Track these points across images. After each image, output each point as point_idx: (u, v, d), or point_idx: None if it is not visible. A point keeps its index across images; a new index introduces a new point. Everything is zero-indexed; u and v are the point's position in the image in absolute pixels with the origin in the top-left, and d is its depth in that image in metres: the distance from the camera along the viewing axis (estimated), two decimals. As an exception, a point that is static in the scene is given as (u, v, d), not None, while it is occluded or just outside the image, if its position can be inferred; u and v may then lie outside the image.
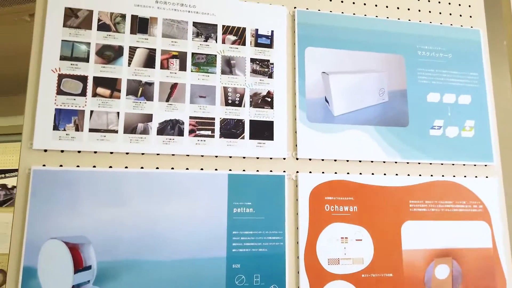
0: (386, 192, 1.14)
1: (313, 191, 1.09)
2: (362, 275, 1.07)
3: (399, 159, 1.16)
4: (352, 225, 1.09)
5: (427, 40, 1.25)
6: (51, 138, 0.95)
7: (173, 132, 1.02)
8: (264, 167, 1.08)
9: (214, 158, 1.05)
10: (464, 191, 1.19)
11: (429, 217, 1.15)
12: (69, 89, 0.98)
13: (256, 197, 1.05)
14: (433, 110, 1.21)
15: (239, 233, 1.02)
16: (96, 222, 0.94)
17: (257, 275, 1.01)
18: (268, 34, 1.13)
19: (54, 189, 0.93)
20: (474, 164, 1.21)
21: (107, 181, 0.97)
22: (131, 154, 1.00)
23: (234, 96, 1.08)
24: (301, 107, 1.12)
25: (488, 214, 1.18)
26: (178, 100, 1.04)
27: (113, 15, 1.04)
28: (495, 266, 1.15)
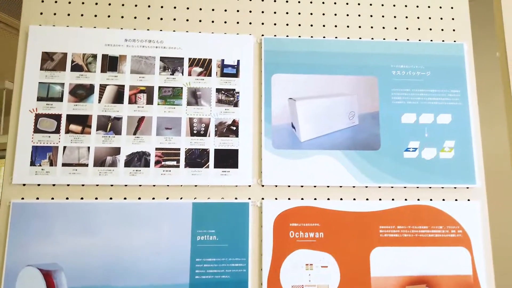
0: (355, 218, 1.12)
1: (278, 218, 1.11)
2: (327, 303, 1.07)
3: (370, 184, 1.14)
4: (317, 252, 1.10)
5: (403, 59, 1.22)
6: (28, 173, 1.05)
7: (140, 164, 1.09)
8: (229, 194, 1.11)
9: (179, 187, 1.10)
10: (441, 215, 1.14)
11: (401, 243, 1.12)
12: (44, 127, 1.07)
13: (220, 225, 1.08)
14: (408, 132, 1.18)
15: (202, 260, 1.06)
16: (68, 250, 1.03)
17: (220, 300, 1.05)
18: (234, 64, 1.17)
19: (31, 220, 1.03)
20: (454, 186, 1.16)
21: (79, 212, 1.05)
22: (101, 185, 1.08)
23: (199, 127, 1.13)
24: (266, 134, 1.14)
25: (468, 239, 1.13)
26: (145, 132, 1.10)
27: (85, 55, 1.12)
28: (475, 295, 1.10)
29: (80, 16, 1.15)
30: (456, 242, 1.13)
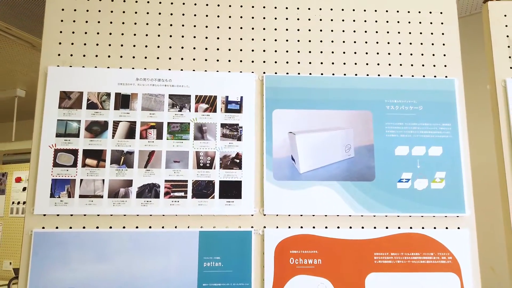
0: (351, 245, 1.20)
1: (279, 245, 1.19)
2: (324, 325, 1.15)
3: (365, 213, 1.22)
4: (316, 277, 1.18)
5: (396, 94, 1.30)
6: (48, 204, 1.14)
7: (151, 195, 1.17)
8: (233, 223, 1.19)
9: (187, 216, 1.19)
10: (432, 243, 1.22)
11: (394, 269, 1.19)
12: (63, 161, 1.16)
13: (225, 252, 1.17)
14: (401, 163, 1.25)
15: (209, 285, 1.15)
16: (85, 276, 1.12)
17: None
18: (238, 100, 1.25)
19: (51, 248, 1.12)
20: (445, 215, 1.24)
21: (94, 240, 1.14)
22: (114, 215, 1.16)
23: (205, 159, 1.21)
24: (268, 167, 1.22)
25: (458, 265, 1.20)
26: (155, 165, 1.19)
27: (100, 94, 1.21)
28: (464, 318, 1.18)
29: (94, 57, 1.24)
30: (446, 268, 1.20)
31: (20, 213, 4.12)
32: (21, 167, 4.22)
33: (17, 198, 4.17)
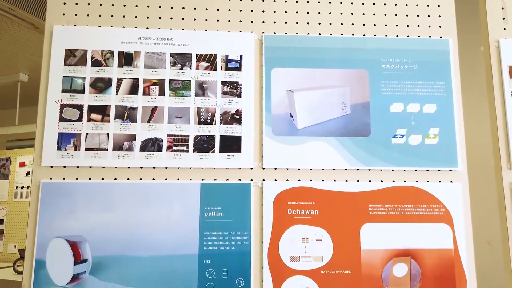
0: (347, 197, 1.25)
1: (277, 197, 1.23)
2: (321, 271, 1.20)
3: (360, 167, 1.26)
4: (312, 227, 1.22)
5: (392, 54, 1.33)
6: (55, 156, 1.18)
7: (154, 149, 1.22)
8: (233, 176, 1.24)
9: (189, 169, 1.23)
10: (426, 196, 1.26)
11: (388, 220, 1.24)
12: (68, 116, 1.21)
13: (225, 203, 1.21)
14: (396, 120, 1.29)
15: (210, 233, 1.19)
16: (91, 224, 1.16)
17: (225, 270, 1.18)
18: (237, 59, 1.29)
19: (58, 198, 1.17)
20: (438, 169, 1.28)
21: (100, 190, 1.19)
22: (119, 168, 1.21)
23: (206, 115, 1.25)
24: (267, 123, 1.26)
25: (450, 216, 1.25)
26: (158, 121, 1.23)
27: (103, 52, 1.25)
28: (455, 267, 1.22)
29: (98, 17, 1.28)
30: (439, 219, 1.25)
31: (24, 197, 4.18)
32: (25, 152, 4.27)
33: (21, 182, 4.22)
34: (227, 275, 1.18)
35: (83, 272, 1.14)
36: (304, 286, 1.19)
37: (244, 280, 1.18)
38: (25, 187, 4.22)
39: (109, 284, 1.14)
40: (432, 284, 1.21)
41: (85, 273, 1.14)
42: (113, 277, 1.15)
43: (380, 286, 1.20)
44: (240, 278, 1.18)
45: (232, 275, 1.18)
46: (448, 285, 1.21)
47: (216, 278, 1.17)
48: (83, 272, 1.14)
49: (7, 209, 4.14)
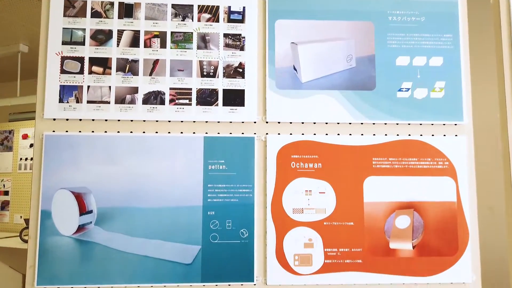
0: (350, 151, 1.24)
1: (281, 150, 1.23)
2: (324, 223, 1.21)
3: (365, 120, 1.25)
4: (316, 180, 1.22)
5: (399, 5, 1.30)
6: (57, 109, 1.18)
7: (156, 102, 1.21)
8: (236, 130, 1.23)
9: (192, 123, 1.22)
10: (430, 149, 1.25)
11: (392, 173, 1.24)
12: (70, 68, 1.19)
13: (229, 156, 1.21)
14: (402, 73, 1.27)
15: (214, 186, 1.20)
16: (95, 176, 1.17)
17: (229, 221, 1.19)
18: (240, 10, 1.26)
19: (62, 150, 1.17)
20: (443, 123, 1.27)
21: (103, 143, 1.18)
22: (122, 121, 1.20)
23: (209, 69, 1.23)
24: (270, 76, 1.24)
25: (454, 170, 1.24)
26: (160, 74, 1.22)
27: (103, 3, 1.22)
28: (458, 219, 1.23)
29: (97, -34, 1.24)
30: (443, 172, 1.24)
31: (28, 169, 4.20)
32: (28, 124, 4.27)
33: (25, 154, 4.23)
34: (231, 226, 1.19)
35: (88, 223, 1.16)
36: (307, 237, 1.20)
37: (248, 231, 1.19)
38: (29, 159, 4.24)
39: (115, 234, 1.16)
40: (434, 236, 1.22)
41: (90, 223, 1.16)
42: (118, 228, 1.16)
43: (383, 237, 1.21)
44: (244, 229, 1.19)
45: (236, 226, 1.19)
46: (450, 236, 1.22)
47: (220, 229, 1.18)
48: (88, 223, 1.16)
49: (12, 180, 4.18)
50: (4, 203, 4.26)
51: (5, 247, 2.93)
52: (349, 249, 1.20)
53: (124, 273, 1.15)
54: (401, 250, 1.20)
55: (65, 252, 1.14)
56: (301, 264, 1.19)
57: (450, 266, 1.21)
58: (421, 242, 1.21)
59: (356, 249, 1.20)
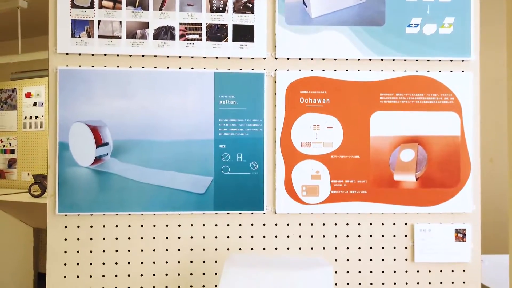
0: (358, 86, 1.26)
1: (290, 86, 1.25)
2: (331, 156, 1.25)
3: (373, 56, 1.26)
4: (324, 115, 1.25)
5: None
6: (70, 44, 1.19)
7: (167, 37, 1.22)
8: (246, 66, 1.25)
9: (202, 58, 1.24)
10: (437, 85, 1.27)
11: (398, 108, 1.27)
12: (80, 3, 1.19)
13: (239, 92, 1.24)
14: (411, 9, 1.27)
15: (224, 120, 1.23)
16: (109, 110, 1.20)
17: (239, 154, 1.23)
18: None
19: (76, 84, 1.19)
20: (451, 59, 1.28)
21: (116, 78, 1.21)
22: (134, 56, 1.22)
23: (218, 3, 1.23)
24: (280, 11, 1.25)
25: (459, 105, 1.27)
26: (170, 8, 1.22)
27: None
28: (461, 152, 1.27)
29: None
30: (448, 107, 1.27)
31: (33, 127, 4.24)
32: (30, 83, 4.26)
33: (29, 113, 4.25)
34: (241, 159, 1.23)
35: (105, 155, 1.20)
36: (314, 169, 1.25)
37: (258, 163, 1.23)
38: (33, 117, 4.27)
39: (130, 165, 1.20)
40: (437, 168, 1.26)
41: (107, 155, 1.20)
42: (134, 159, 1.21)
43: (387, 170, 1.26)
44: (254, 161, 1.23)
45: (246, 159, 1.23)
46: (453, 169, 1.26)
47: (231, 161, 1.23)
48: (105, 155, 1.20)
49: (18, 139, 4.23)
50: (11, 161, 4.33)
51: (16, 201, 3.01)
52: (354, 181, 1.25)
53: (140, 202, 1.20)
54: (404, 182, 1.26)
55: (83, 182, 1.19)
56: (308, 195, 1.24)
57: (452, 197, 1.26)
58: (424, 175, 1.26)
59: (361, 181, 1.25)
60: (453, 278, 1.26)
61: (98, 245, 1.20)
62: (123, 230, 1.21)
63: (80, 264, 1.20)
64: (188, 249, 1.23)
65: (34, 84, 4.19)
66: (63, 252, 1.20)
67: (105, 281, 1.20)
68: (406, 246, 1.26)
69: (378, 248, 1.26)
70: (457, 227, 1.26)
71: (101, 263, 1.20)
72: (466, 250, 1.26)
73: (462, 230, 1.26)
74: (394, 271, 1.26)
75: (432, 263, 1.26)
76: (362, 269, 1.25)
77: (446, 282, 1.26)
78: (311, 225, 1.25)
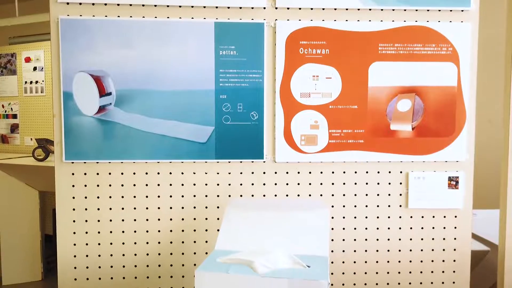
0: (358, 37, 1.27)
1: (289, 36, 1.26)
2: (330, 106, 1.28)
3: (373, 6, 1.26)
4: (323, 65, 1.27)
5: None
6: (69, -8, 1.19)
7: (166, -14, 1.22)
8: (246, 16, 1.25)
9: (202, 8, 1.24)
10: (435, 35, 1.28)
11: (397, 59, 1.28)
12: (78, -50, 1.19)
13: (239, 42, 1.25)
14: (412, -43, 1.26)
15: (225, 71, 1.25)
16: (111, 60, 1.22)
17: (240, 104, 1.26)
18: None
19: (78, 34, 1.21)
20: (450, 9, 1.28)
21: (117, 28, 1.22)
22: (134, 5, 1.22)
23: (217, -48, 1.22)
24: (280, -41, 1.24)
25: (457, 56, 1.29)
26: (169, -44, 1.21)
27: None
28: (457, 103, 1.29)
29: None
30: (446, 58, 1.29)
31: (34, 92, 4.24)
32: (29, 47, 4.22)
33: (29, 78, 4.24)
34: (242, 109, 1.26)
35: (108, 104, 1.23)
36: (313, 119, 1.28)
37: (258, 113, 1.26)
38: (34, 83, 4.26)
39: (133, 115, 1.24)
40: (433, 118, 1.29)
41: (110, 105, 1.23)
42: (137, 109, 1.24)
43: (384, 120, 1.29)
44: (254, 111, 1.26)
45: (246, 109, 1.26)
46: (448, 119, 1.29)
47: (231, 111, 1.26)
48: (108, 104, 1.23)
49: (19, 104, 4.24)
50: (14, 126, 4.37)
51: (20, 165, 3.05)
52: (352, 130, 1.29)
53: (144, 150, 1.25)
54: (401, 131, 1.29)
55: (88, 130, 1.23)
56: (307, 144, 1.28)
57: (446, 146, 1.30)
58: (420, 124, 1.29)
59: (358, 130, 1.29)
60: (445, 224, 1.32)
61: (104, 191, 1.26)
62: (128, 177, 1.26)
63: (88, 209, 1.26)
64: (191, 196, 1.28)
65: (33, 48, 4.15)
66: (71, 198, 1.25)
67: (112, 226, 1.26)
68: (401, 193, 1.31)
69: (373, 195, 1.31)
70: (451, 175, 1.30)
71: (108, 209, 1.26)
72: (458, 197, 1.31)
73: (455, 178, 1.30)
74: (388, 216, 1.31)
75: (425, 210, 1.31)
76: (357, 215, 1.31)
77: (438, 228, 1.32)
78: (309, 173, 1.30)
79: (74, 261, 1.26)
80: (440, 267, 1.32)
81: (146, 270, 1.28)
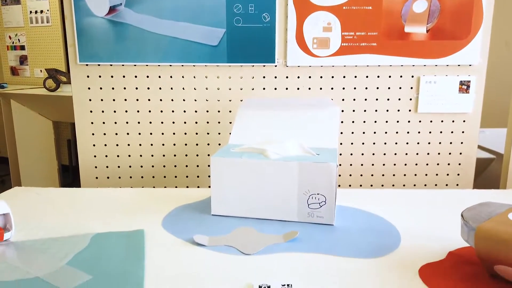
0: None
1: None
2: (344, 7, 1.25)
3: None
4: None
5: None
6: None
7: None
8: None
9: None
10: None
11: (415, -45, 1.22)
12: None
13: None
14: None
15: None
16: None
17: (251, 5, 1.24)
18: None
19: None
20: None
21: None
22: None
23: None
24: None
25: (480, -48, 1.22)
26: None
27: None
28: (474, 4, 1.25)
29: None
30: (468, -46, 1.22)
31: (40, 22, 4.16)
32: (30, -26, 4.06)
33: (34, 7, 4.14)
34: (253, 10, 1.24)
35: (118, 4, 1.22)
36: (326, 21, 1.26)
37: (270, 15, 1.24)
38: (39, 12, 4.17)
39: (144, 16, 1.23)
40: (449, 19, 1.26)
41: (120, 5, 1.22)
42: (147, 10, 1.22)
43: (399, 22, 1.26)
44: (266, 13, 1.24)
45: (258, 10, 1.24)
46: (464, 20, 1.26)
47: (243, 13, 1.24)
48: (118, 4, 1.22)
49: (26, 35, 4.18)
50: (22, 58, 4.35)
51: (33, 94, 3.08)
52: (365, 33, 1.27)
53: (157, 53, 1.25)
54: (415, 34, 1.27)
55: (100, 32, 1.23)
56: (319, 47, 1.27)
57: (460, 49, 1.28)
58: (435, 26, 1.26)
59: (372, 33, 1.27)
60: (452, 128, 1.34)
61: (119, 94, 1.29)
62: (142, 80, 1.28)
63: (104, 111, 1.30)
64: (203, 100, 1.31)
65: (34, -26, 4.01)
66: (88, 100, 1.29)
67: (129, 128, 1.31)
68: (411, 98, 1.32)
69: (383, 100, 1.32)
70: (462, 79, 1.30)
71: (124, 111, 1.30)
72: (469, 101, 1.32)
73: (467, 82, 1.30)
74: (397, 121, 1.34)
75: (434, 114, 1.33)
76: (366, 119, 1.34)
77: (446, 132, 1.34)
78: (321, 77, 1.31)
79: (94, 161, 1.33)
80: (445, 170, 1.37)
81: (163, 170, 1.35)
